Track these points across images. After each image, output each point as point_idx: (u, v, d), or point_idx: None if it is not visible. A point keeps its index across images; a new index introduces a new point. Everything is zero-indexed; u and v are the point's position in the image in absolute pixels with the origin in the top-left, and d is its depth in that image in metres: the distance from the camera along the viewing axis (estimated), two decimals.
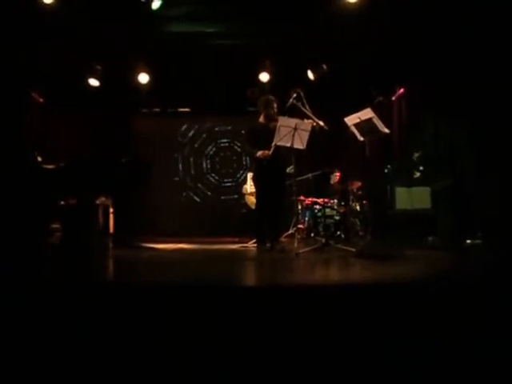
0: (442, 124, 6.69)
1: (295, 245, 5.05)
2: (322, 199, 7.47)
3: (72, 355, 2.24)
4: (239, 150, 10.22)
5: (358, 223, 7.60)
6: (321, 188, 8.02)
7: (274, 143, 5.14)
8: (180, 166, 10.49)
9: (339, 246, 5.46)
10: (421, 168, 6.49)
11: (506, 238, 5.47)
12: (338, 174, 8.16)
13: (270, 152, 5.25)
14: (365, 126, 5.07)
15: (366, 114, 5.02)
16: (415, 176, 6.61)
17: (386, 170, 8.15)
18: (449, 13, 5.98)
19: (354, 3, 6.18)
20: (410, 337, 2.30)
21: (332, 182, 8.15)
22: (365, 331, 2.32)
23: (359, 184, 7.82)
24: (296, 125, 5.04)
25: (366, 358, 2.24)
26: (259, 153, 5.37)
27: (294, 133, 5.03)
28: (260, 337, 2.30)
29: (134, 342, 2.29)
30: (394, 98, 8.73)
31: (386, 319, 2.35)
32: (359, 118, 5.06)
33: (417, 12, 6.22)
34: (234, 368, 2.22)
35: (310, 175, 7.68)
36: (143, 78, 8.35)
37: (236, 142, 10.31)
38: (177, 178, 10.46)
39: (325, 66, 7.23)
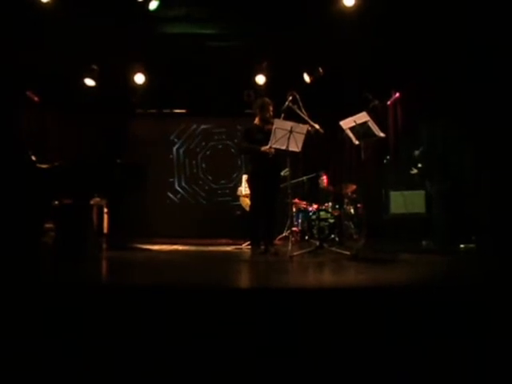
0: (438, 128, 6.73)
1: (289, 247, 5.04)
2: (316, 204, 7.49)
3: (65, 356, 2.23)
4: (234, 151, 10.22)
5: (352, 226, 7.62)
6: (314, 191, 8.03)
7: (269, 145, 5.14)
8: (175, 167, 10.48)
9: (333, 249, 5.47)
10: (419, 165, 6.48)
11: (499, 243, 5.50)
12: (324, 177, 8.14)
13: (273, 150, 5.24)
14: (360, 130, 5.08)
15: (362, 117, 5.04)
16: (412, 172, 6.61)
17: (380, 174, 8.18)
18: (445, 18, 6.02)
19: (351, 7, 6.20)
20: (403, 340, 2.31)
21: (321, 185, 8.13)
22: (359, 334, 2.32)
23: (354, 187, 7.84)
24: (291, 127, 5.04)
25: (360, 361, 2.24)
26: (264, 147, 5.29)
27: (289, 135, 5.03)
28: (253, 339, 2.30)
29: (128, 344, 2.28)
30: (389, 103, 8.77)
31: (380, 322, 2.35)
32: (355, 121, 5.08)
33: (412, 17, 6.25)
34: (226, 370, 2.22)
35: (304, 178, 7.69)
36: (139, 78, 8.34)
37: (231, 144, 10.31)
38: (171, 179, 10.45)
39: (321, 69, 7.25)
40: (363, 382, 2.21)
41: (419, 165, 6.47)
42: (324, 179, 8.13)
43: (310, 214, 7.53)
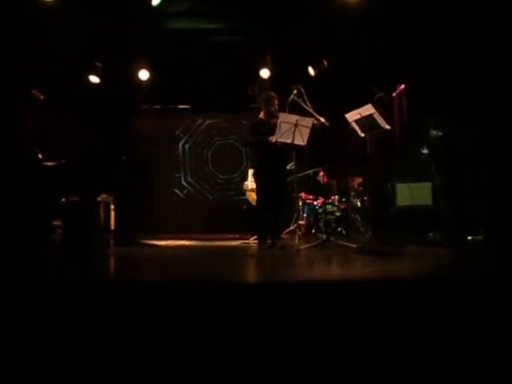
0: (443, 120, 6.68)
1: (296, 241, 5.05)
2: (321, 199, 7.48)
3: (72, 353, 2.25)
4: (240, 146, 10.21)
5: (359, 219, 7.61)
6: (319, 185, 8.00)
7: (274, 139, 5.13)
8: (180, 162, 10.49)
9: (340, 242, 5.46)
10: (432, 147, 6.38)
11: (506, 235, 5.47)
12: (321, 171, 8.02)
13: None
14: (366, 122, 5.06)
15: (367, 110, 5.01)
16: (423, 151, 6.52)
17: (386, 167, 8.14)
18: (449, 10, 5.97)
19: (354, 0, 6.16)
20: (410, 333, 2.30)
21: (320, 180, 8.06)
22: (366, 327, 2.32)
23: (360, 180, 7.81)
24: (297, 121, 5.03)
25: (367, 354, 2.24)
26: (271, 137, 5.23)
27: (294, 129, 5.02)
28: (261, 333, 2.30)
29: (135, 340, 2.29)
30: (394, 95, 8.72)
31: (387, 315, 2.35)
32: (360, 114, 5.06)
33: (418, 9, 6.20)
34: (234, 364, 2.23)
35: (310, 171, 7.67)
36: (143, 74, 8.34)
37: (237, 139, 10.29)
38: (177, 175, 10.46)
39: (325, 62, 7.21)
40: (370, 373, 2.21)
41: (432, 147, 6.37)
42: (321, 174, 8.03)
43: (317, 207, 7.51)
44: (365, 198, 7.67)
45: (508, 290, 2.44)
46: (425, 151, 6.44)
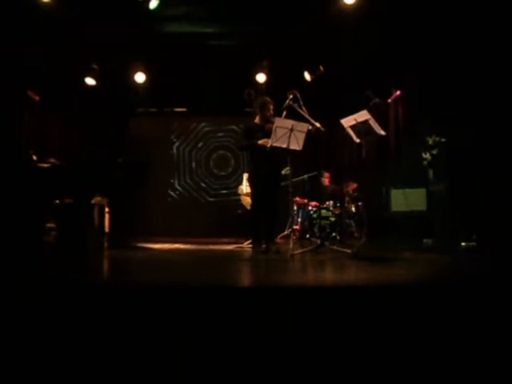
0: (439, 126, 6.71)
1: (290, 246, 5.04)
2: (315, 202, 7.51)
3: (65, 356, 2.24)
4: (235, 150, 10.23)
5: (354, 225, 7.61)
6: (315, 189, 8.04)
7: (270, 144, 5.13)
8: (175, 165, 10.48)
9: (334, 247, 5.47)
10: (433, 152, 6.37)
11: (500, 241, 5.49)
12: (327, 175, 8.17)
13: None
14: (361, 128, 5.07)
15: (363, 115, 5.03)
16: (424, 156, 6.49)
17: (381, 172, 8.18)
18: (445, 16, 6.00)
19: (351, 5, 6.20)
20: (404, 339, 2.31)
21: (322, 184, 8.15)
22: (359, 333, 2.32)
23: (355, 186, 7.83)
24: (292, 126, 5.03)
25: (361, 359, 2.24)
26: (261, 141, 5.29)
27: (290, 134, 5.02)
28: (255, 338, 2.30)
29: (129, 344, 2.28)
30: (390, 100, 8.76)
31: (381, 321, 2.35)
32: (355, 119, 5.07)
33: (413, 14, 6.24)
34: (227, 368, 2.22)
35: (305, 176, 7.69)
36: (140, 77, 8.35)
37: (232, 143, 10.31)
38: (172, 178, 10.46)
39: (321, 68, 7.24)
40: (364, 380, 2.21)
41: (434, 152, 6.36)
42: (326, 177, 8.14)
43: (311, 212, 7.53)
44: (359, 203, 7.69)
45: (503, 296, 2.45)
46: (426, 156, 6.45)
